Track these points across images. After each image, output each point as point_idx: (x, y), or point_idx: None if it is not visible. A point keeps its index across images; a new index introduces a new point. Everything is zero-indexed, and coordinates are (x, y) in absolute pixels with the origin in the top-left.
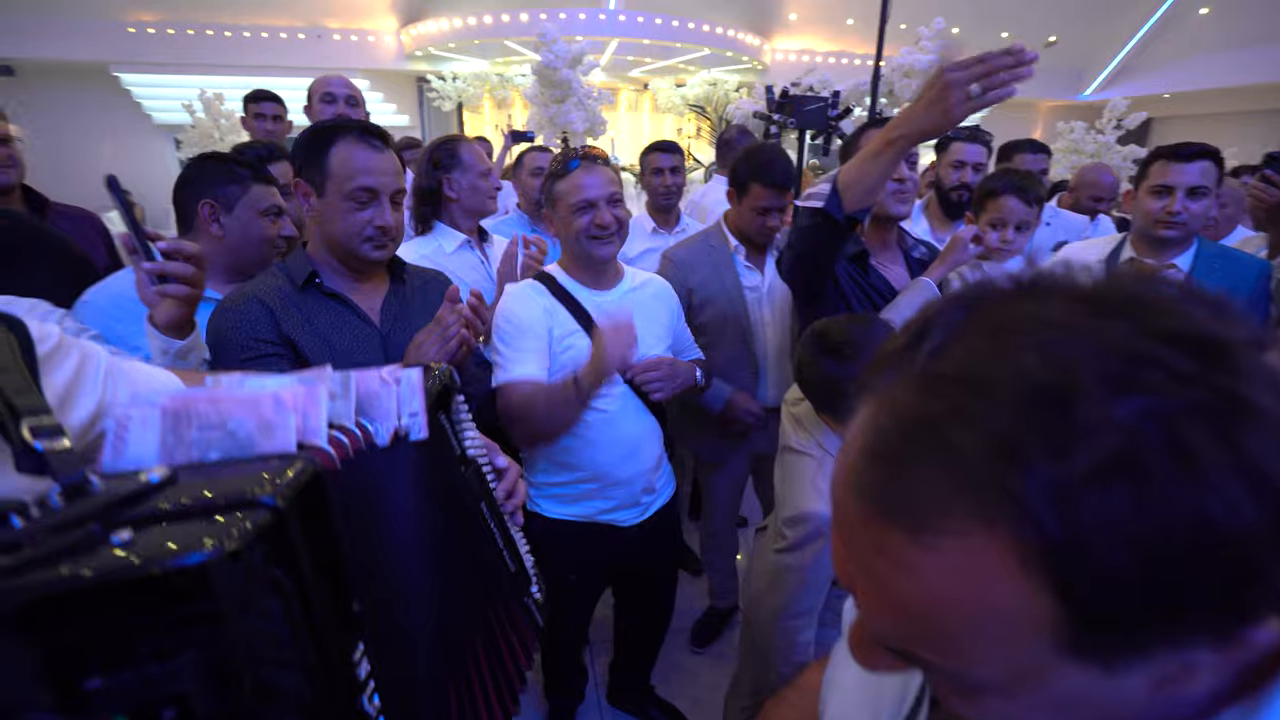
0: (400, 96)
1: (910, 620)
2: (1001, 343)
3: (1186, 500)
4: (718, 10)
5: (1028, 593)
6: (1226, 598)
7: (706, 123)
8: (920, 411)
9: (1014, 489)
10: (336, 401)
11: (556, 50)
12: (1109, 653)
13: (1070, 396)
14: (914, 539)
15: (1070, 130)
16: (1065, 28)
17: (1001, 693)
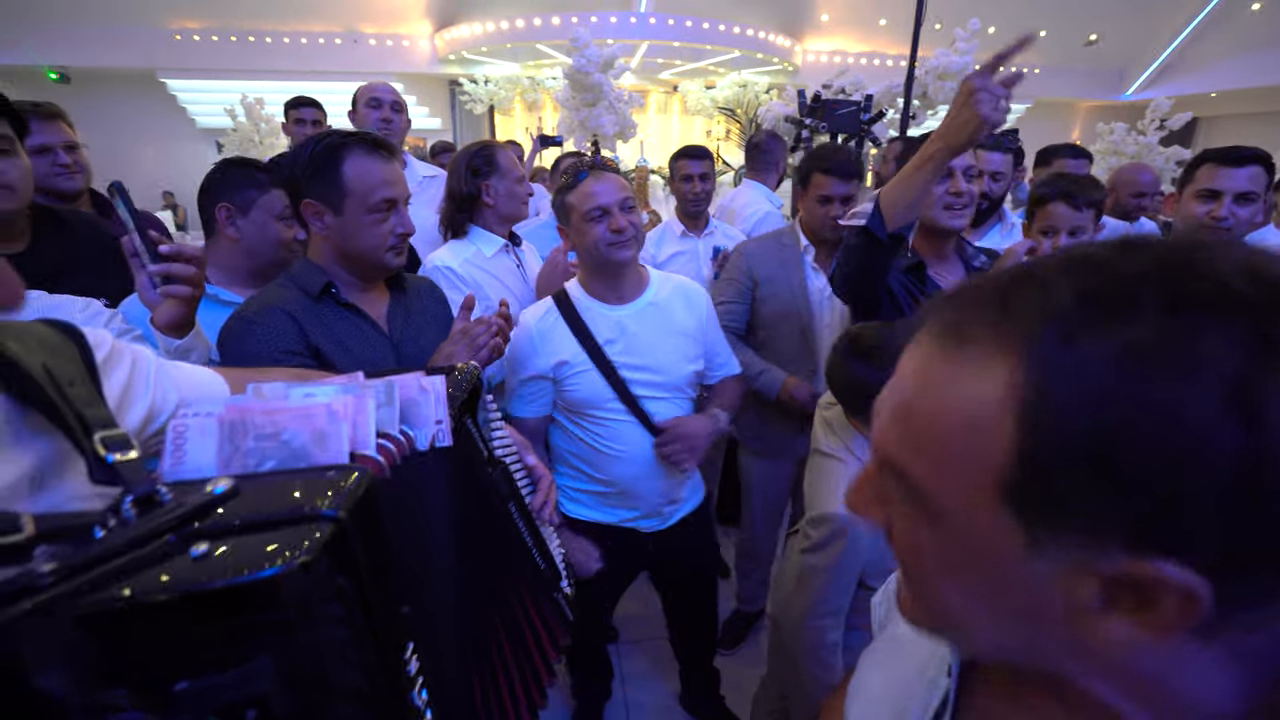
0: (433, 100)
1: (913, 429)
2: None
3: (1170, 399)
4: (748, 11)
5: (999, 421)
6: (1157, 510)
7: (736, 125)
8: (1001, 279)
9: (1036, 332)
10: (382, 409)
11: (589, 54)
12: (1037, 511)
13: (1123, 291)
14: (945, 352)
15: (1110, 131)
16: (1107, 25)
17: (939, 525)
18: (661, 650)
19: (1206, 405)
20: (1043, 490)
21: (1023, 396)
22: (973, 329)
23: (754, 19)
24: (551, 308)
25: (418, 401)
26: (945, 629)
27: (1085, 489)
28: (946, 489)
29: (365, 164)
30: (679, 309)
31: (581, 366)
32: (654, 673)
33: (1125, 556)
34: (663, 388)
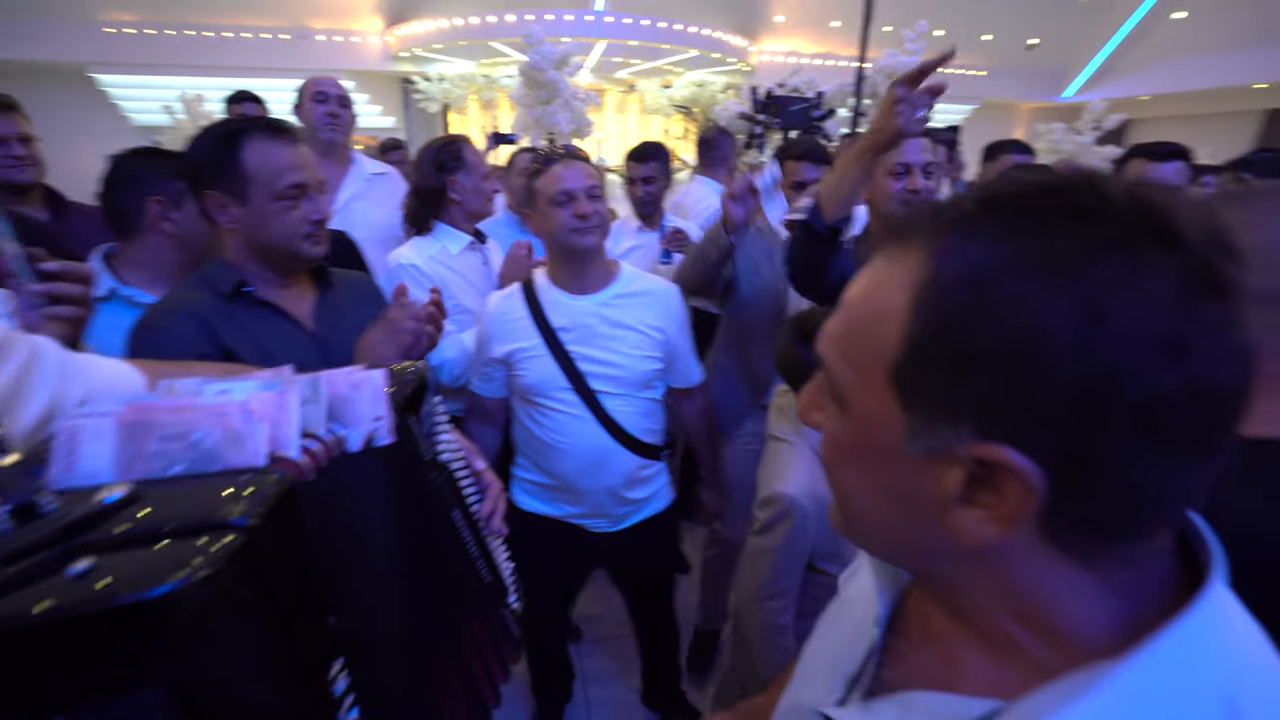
0: (385, 98)
1: (845, 316)
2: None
3: (1023, 291)
4: (704, 12)
5: (899, 306)
6: (1002, 395)
7: (693, 124)
8: (940, 201)
9: (943, 234)
10: (308, 407)
11: (543, 51)
12: (912, 398)
13: (1016, 203)
14: (887, 255)
15: (1050, 132)
16: (1046, 30)
17: (842, 403)
18: (624, 647)
19: (1056, 302)
20: (920, 373)
21: (919, 286)
22: (910, 237)
23: (710, 19)
24: (516, 292)
25: (350, 399)
26: (850, 525)
27: (948, 371)
28: (855, 377)
29: (267, 149)
30: (646, 307)
31: (534, 352)
32: (616, 671)
33: (975, 440)
34: (618, 383)
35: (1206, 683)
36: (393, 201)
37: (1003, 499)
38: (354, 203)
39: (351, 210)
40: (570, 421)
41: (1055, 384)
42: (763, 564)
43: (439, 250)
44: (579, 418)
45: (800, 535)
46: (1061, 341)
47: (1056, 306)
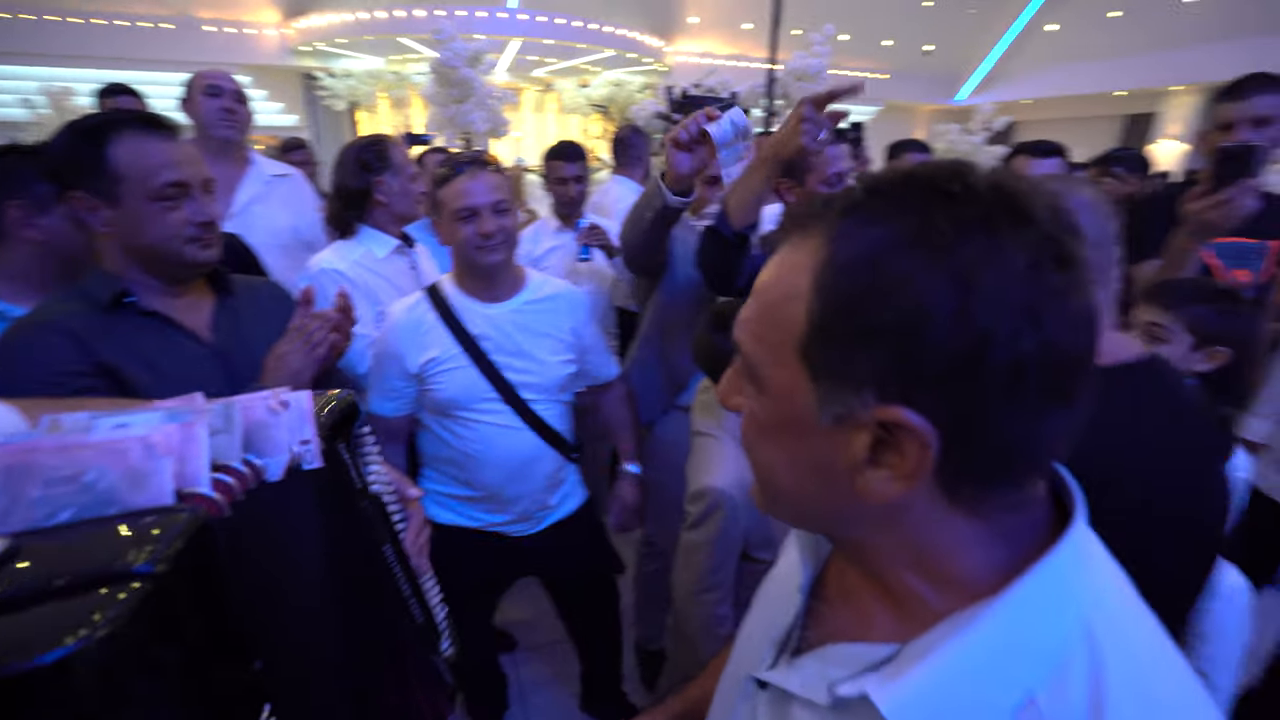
0: (286, 94)
1: (756, 302)
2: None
3: (908, 266)
4: (620, 12)
5: (806, 284)
6: (895, 360)
7: (612, 124)
8: (837, 191)
9: (836, 219)
10: (219, 437)
11: (455, 48)
12: (819, 369)
13: (898, 189)
14: (792, 243)
15: (947, 132)
16: (940, 38)
17: (757, 384)
18: (561, 652)
19: (935, 277)
20: (824, 347)
21: (819, 267)
22: (811, 224)
23: (625, 20)
24: (422, 300)
25: (268, 424)
26: (771, 500)
27: (848, 344)
28: (768, 357)
29: (139, 145)
30: (556, 312)
31: (453, 363)
32: (553, 677)
33: (877, 404)
34: (536, 389)
35: (1068, 612)
36: (297, 204)
37: (904, 457)
38: (253, 205)
39: (251, 213)
40: (495, 431)
41: (938, 350)
42: (698, 558)
43: (364, 254)
44: (505, 427)
45: (732, 526)
46: (941, 312)
47: (936, 281)
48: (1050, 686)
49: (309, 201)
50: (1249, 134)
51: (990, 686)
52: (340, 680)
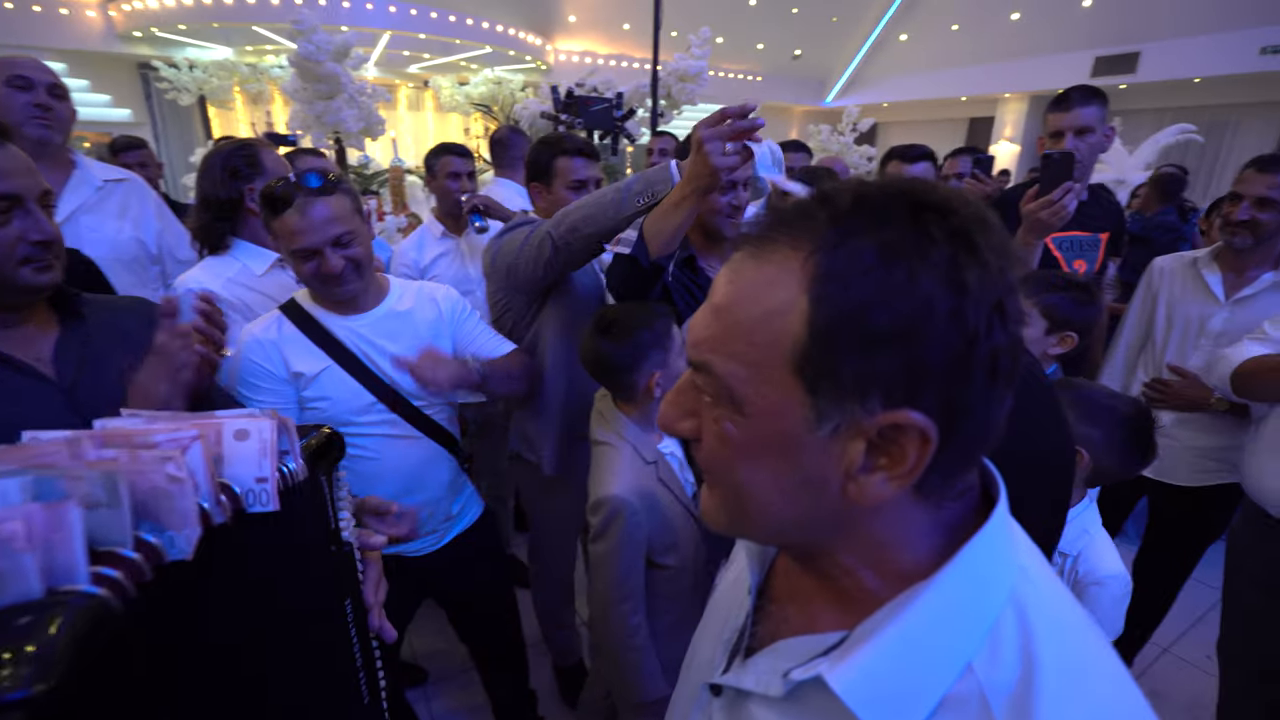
0: (116, 86)
1: (722, 319)
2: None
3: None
4: (496, 8)
5: (793, 299)
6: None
7: (495, 123)
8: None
9: (824, 234)
10: (101, 511)
11: (316, 40)
12: (818, 375)
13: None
14: (756, 256)
15: (819, 132)
16: (808, 43)
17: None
18: (474, 682)
19: (931, 280)
20: (826, 359)
21: (813, 279)
22: (776, 237)
23: (503, 16)
24: (278, 320)
25: (169, 493)
26: (740, 520)
27: (854, 354)
28: (749, 376)
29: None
30: (423, 315)
31: (327, 376)
32: (468, 709)
33: (882, 410)
34: (414, 396)
35: (996, 584)
36: (137, 213)
37: (903, 457)
38: (81, 216)
39: (79, 225)
40: (385, 442)
41: (940, 350)
42: (606, 569)
43: (239, 271)
44: (393, 435)
45: (635, 531)
46: (940, 314)
47: (934, 286)
48: (985, 653)
49: (152, 209)
50: (1073, 141)
51: (932, 658)
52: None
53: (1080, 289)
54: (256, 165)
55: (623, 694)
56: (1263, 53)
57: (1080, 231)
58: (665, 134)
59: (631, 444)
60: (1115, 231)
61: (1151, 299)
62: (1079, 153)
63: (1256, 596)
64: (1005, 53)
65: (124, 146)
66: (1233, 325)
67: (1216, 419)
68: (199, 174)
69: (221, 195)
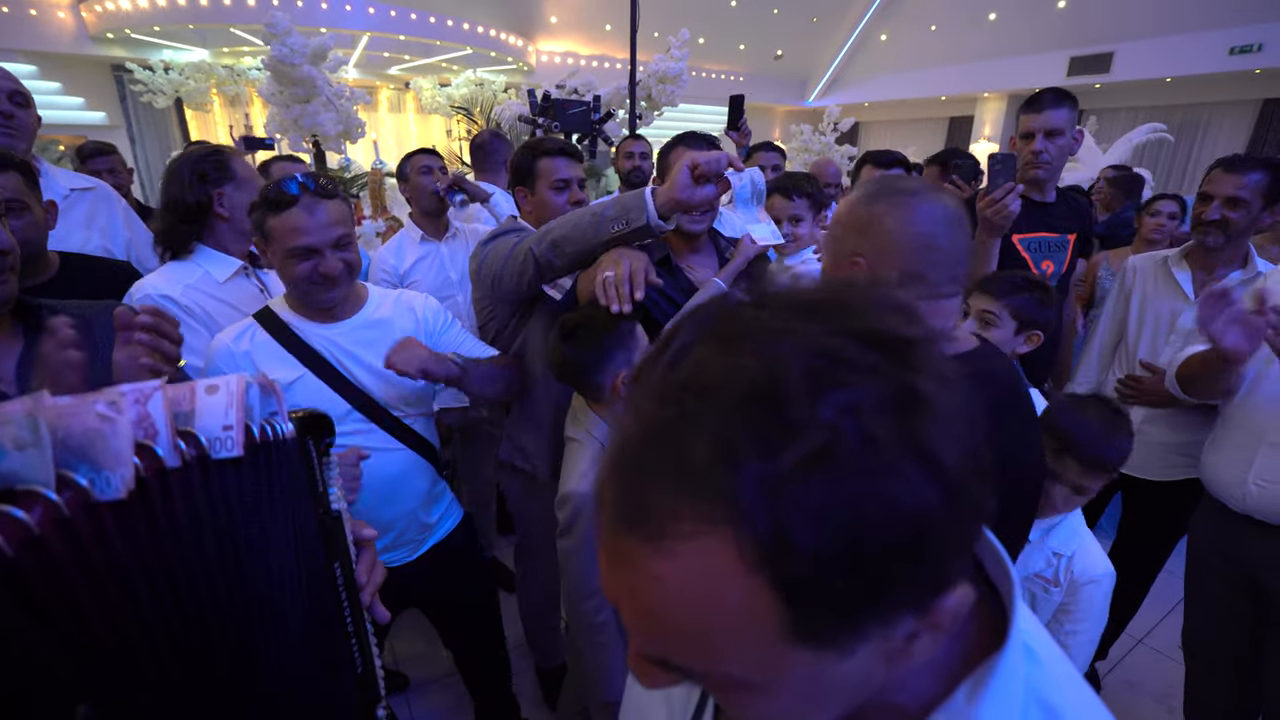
0: (89, 89)
1: (662, 628)
2: (726, 348)
3: (874, 484)
4: (476, 9)
5: (753, 588)
6: (918, 569)
7: (476, 126)
8: (653, 419)
9: (730, 490)
10: (28, 452)
11: (291, 43)
12: (832, 634)
13: (779, 395)
14: (655, 548)
15: (801, 132)
16: (789, 44)
17: (753, 689)
18: (456, 686)
19: (912, 478)
20: (826, 621)
21: (758, 559)
22: (668, 519)
23: (483, 17)
24: (253, 329)
25: (102, 433)
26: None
27: (860, 602)
28: (740, 663)
29: None
30: (401, 323)
31: (301, 385)
32: (450, 712)
33: (914, 617)
34: (399, 400)
35: (1019, 685)
36: (106, 222)
37: (939, 627)
38: None
39: None
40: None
41: (945, 535)
42: (572, 565)
43: (201, 277)
44: (370, 446)
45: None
46: (936, 507)
47: (918, 484)
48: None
49: (120, 218)
50: (1043, 142)
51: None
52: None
53: (1041, 289)
54: (226, 170)
55: (591, 692)
56: (1232, 53)
57: (1048, 233)
58: (638, 138)
59: (600, 441)
60: (1083, 233)
61: (1125, 297)
62: (1048, 153)
63: (1216, 588)
64: (983, 53)
65: (92, 153)
66: None
67: (1184, 415)
68: (165, 178)
69: (189, 199)
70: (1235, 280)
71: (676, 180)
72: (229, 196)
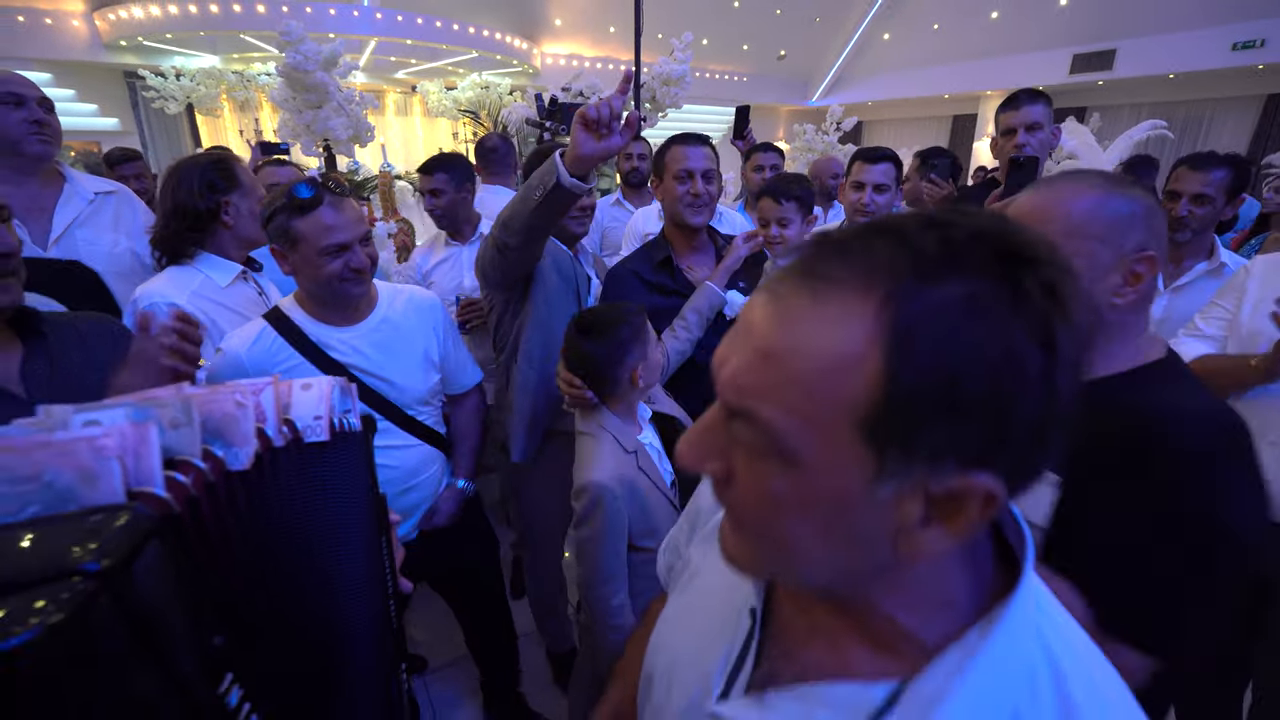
0: (103, 95)
1: (764, 363)
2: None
3: (1004, 340)
4: (482, 12)
5: (866, 354)
6: (986, 428)
7: (482, 128)
8: (858, 232)
9: (900, 273)
10: (181, 430)
11: (305, 50)
12: (888, 445)
13: (967, 248)
14: (811, 289)
15: (804, 132)
16: (792, 43)
17: (791, 462)
18: (469, 668)
19: (1024, 341)
20: (903, 421)
21: (891, 332)
22: (835, 276)
23: (488, 20)
24: (267, 332)
25: (235, 417)
26: (774, 567)
27: (937, 417)
28: (805, 430)
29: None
30: (412, 324)
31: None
32: (465, 693)
33: (956, 474)
34: (413, 400)
35: (1031, 632)
36: (129, 224)
37: (965, 514)
38: (76, 230)
39: (74, 239)
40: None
41: (1024, 415)
42: (589, 552)
43: (203, 283)
44: (386, 445)
45: (615, 517)
46: (1032, 376)
47: (1027, 345)
48: (1028, 700)
49: (141, 220)
50: (1024, 136)
51: (991, 713)
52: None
53: None
54: (233, 179)
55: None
56: (1235, 48)
57: None
58: (638, 138)
59: (612, 434)
60: None
61: None
62: (1030, 147)
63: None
64: (985, 51)
65: (120, 159)
66: (1172, 312)
67: None
68: (171, 185)
69: (199, 206)
70: (1201, 271)
71: (574, 138)
72: (235, 205)
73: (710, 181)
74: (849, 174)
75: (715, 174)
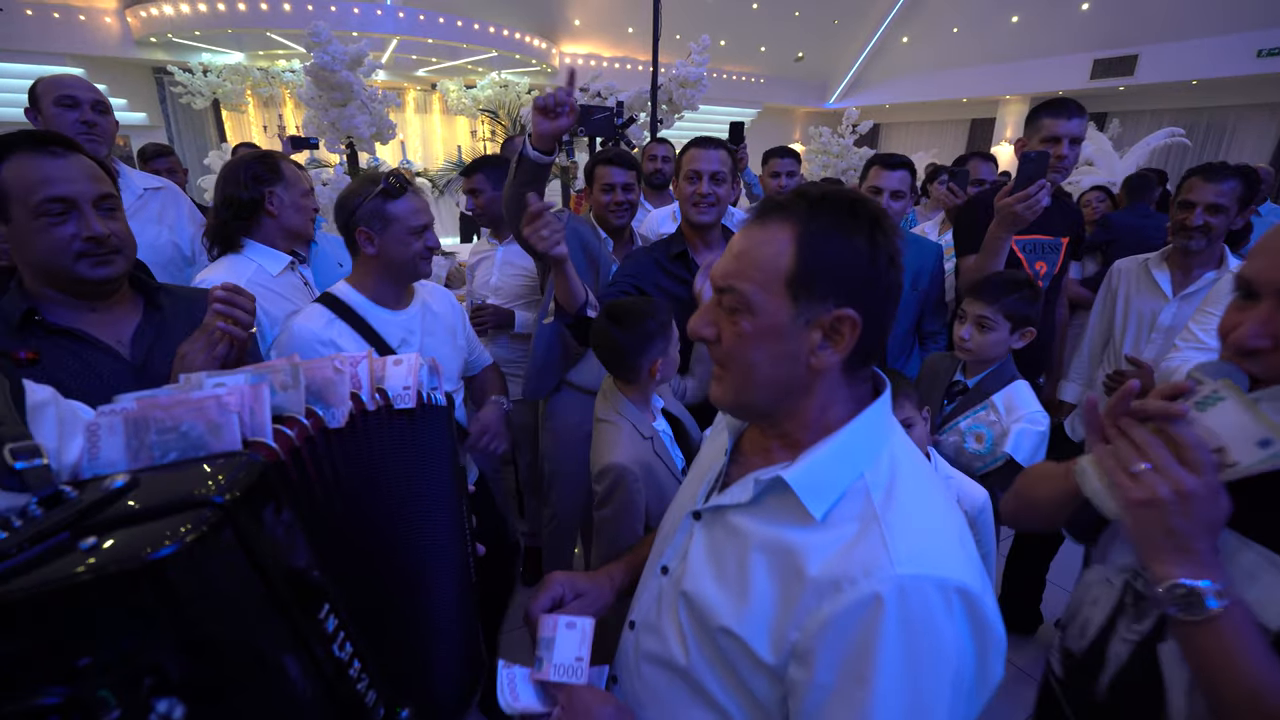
0: (133, 90)
1: (739, 261)
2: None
3: (848, 246)
4: (502, 12)
5: (790, 249)
6: (847, 285)
7: (500, 126)
8: (785, 195)
9: (804, 214)
10: (289, 392)
11: (333, 51)
12: (800, 294)
13: (837, 202)
14: (763, 225)
15: (820, 134)
16: (810, 46)
17: (749, 309)
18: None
19: (861, 239)
20: (806, 280)
21: (799, 236)
22: (772, 214)
23: (509, 19)
24: (324, 313)
25: (333, 381)
26: (742, 396)
27: (822, 277)
28: (760, 291)
29: (25, 162)
30: (446, 310)
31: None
32: None
33: (835, 308)
34: (449, 380)
35: (882, 432)
36: (173, 218)
37: (843, 337)
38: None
39: None
40: None
41: (864, 276)
42: (608, 531)
43: (256, 271)
44: None
45: (635, 497)
46: (864, 255)
47: (863, 244)
48: (871, 466)
49: (185, 214)
50: (1068, 149)
51: (844, 468)
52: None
53: (1027, 285)
54: (277, 172)
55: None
56: (1260, 55)
57: (1043, 235)
58: (662, 141)
59: (630, 421)
60: (1075, 237)
61: (1111, 298)
62: (1070, 159)
63: None
64: (1005, 55)
65: (154, 154)
66: (1180, 319)
67: None
68: (222, 178)
69: (244, 196)
70: (1210, 279)
71: (533, 120)
72: (278, 195)
73: (719, 183)
74: (865, 178)
75: (726, 176)
